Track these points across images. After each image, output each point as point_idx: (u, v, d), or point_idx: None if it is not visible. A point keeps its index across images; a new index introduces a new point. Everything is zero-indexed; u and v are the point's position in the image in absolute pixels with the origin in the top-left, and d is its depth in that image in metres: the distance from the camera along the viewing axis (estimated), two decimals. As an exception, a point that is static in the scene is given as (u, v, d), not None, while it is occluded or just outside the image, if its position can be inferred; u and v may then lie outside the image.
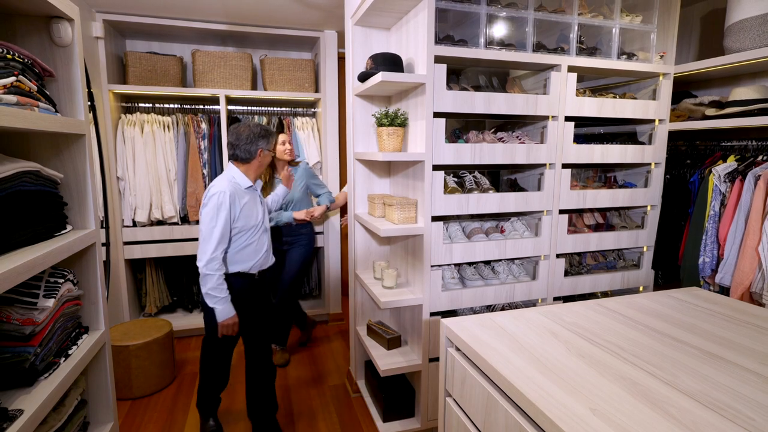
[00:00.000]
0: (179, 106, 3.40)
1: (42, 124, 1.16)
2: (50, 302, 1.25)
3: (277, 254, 2.72)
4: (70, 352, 1.36)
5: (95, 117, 2.41)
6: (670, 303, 1.50)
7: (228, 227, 1.87)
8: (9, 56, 1.11)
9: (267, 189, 2.70)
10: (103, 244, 1.57)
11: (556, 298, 2.28)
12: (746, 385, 0.97)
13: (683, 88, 2.59)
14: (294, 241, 2.88)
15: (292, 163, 2.83)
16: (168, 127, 3.20)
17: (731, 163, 2.13)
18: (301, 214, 2.75)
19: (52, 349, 1.28)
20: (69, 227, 1.41)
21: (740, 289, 1.94)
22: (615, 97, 2.28)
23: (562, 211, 2.20)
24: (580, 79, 2.52)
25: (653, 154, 2.34)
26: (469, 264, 2.24)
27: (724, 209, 2.09)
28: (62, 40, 1.35)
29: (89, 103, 1.56)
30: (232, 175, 1.96)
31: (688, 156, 2.47)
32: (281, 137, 2.71)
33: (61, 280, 1.33)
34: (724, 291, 2.07)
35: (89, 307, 1.53)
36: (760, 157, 2.07)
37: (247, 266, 1.98)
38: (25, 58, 1.18)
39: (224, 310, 1.89)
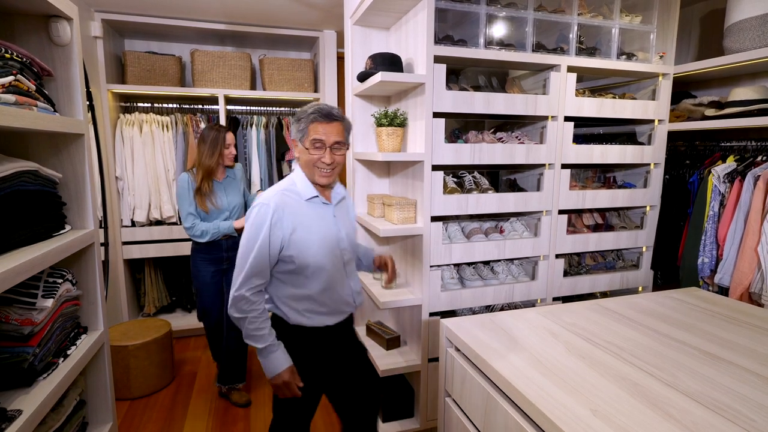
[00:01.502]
0: (178, 105, 3.39)
1: (40, 123, 1.16)
2: (49, 302, 1.24)
3: (217, 276, 2.39)
4: (69, 352, 1.36)
5: (94, 117, 2.41)
6: (670, 303, 1.50)
7: (267, 256, 1.34)
8: (7, 55, 1.11)
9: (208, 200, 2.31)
10: (101, 244, 1.57)
11: (555, 299, 2.28)
12: (746, 386, 0.97)
13: (683, 88, 2.59)
14: (235, 257, 2.50)
15: (228, 165, 2.46)
16: (167, 126, 3.19)
17: (730, 164, 2.13)
18: (242, 223, 2.36)
19: (50, 350, 1.27)
20: (68, 227, 1.41)
21: (739, 289, 1.94)
22: (614, 98, 2.28)
23: (561, 212, 2.20)
24: (579, 80, 2.52)
25: (652, 154, 2.34)
26: (469, 264, 2.24)
27: (724, 209, 2.09)
28: (61, 39, 1.35)
29: (88, 102, 1.55)
30: (294, 181, 1.42)
31: (688, 156, 2.47)
32: (231, 137, 2.36)
33: (60, 280, 1.33)
34: (723, 291, 2.07)
35: (88, 307, 1.53)
36: (759, 158, 2.08)
37: (312, 319, 1.40)
38: (24, 57, 1.17)
39: (269, 362, 1.35)
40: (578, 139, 2.50)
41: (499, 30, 2.07)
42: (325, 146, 1.35)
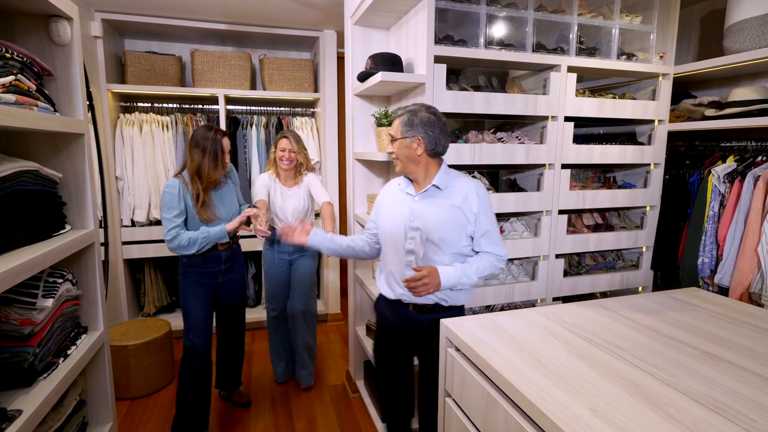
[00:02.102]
0: (178, 105, 3.39)
1: (41, 123, 1.16)
2: (49, 302, 1.24)
3: (211, 289, 2.16)
4: (69, 352, 1.36)
5: (94, 116, 2.41)
6: (670, 303, 1.50)
7: (374, 216, 1.72)
8: (8, 55, 1.11)
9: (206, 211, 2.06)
10: (101, 244, 1.57)
11: (555, 299, 2.28)
12: (746, 386, 0.97)
13: (683, 88, 2.59)
14: (234, 264, 2.25)
15: None
16: (167, 126, 3.19)
17: (730, 164, 2.13)
18: (236, 223, 2.08)
19: (50, 349, 1.27)
20: (68, 227, 1.41)
21: (739, 289, 1.94)
22: (614, 98, 2.28)
23: (561, 212, 2.20)
24: (579, 80, 2.52)
25: (652, 154, 2.34)
26: (469, 264, 2.24)
27: (723, 210, 2.09)
28: (61, 39, 1.35)
29: (88, 102, 1.55)
30: None
31: (688, 156, 2.47)
32: (227, 143, 2.13)
33: (60, 280, 1.33)
34: (723, 291, 2.07)
35: (88, 307, 1.53)
36: (759, 158, 2.08)
37: (384, 287, 1.67)
38: (24, 57, 1.17)
39: None
40: (578, 139, 2.50)
41: (499, 30, 2.07)
42: None
